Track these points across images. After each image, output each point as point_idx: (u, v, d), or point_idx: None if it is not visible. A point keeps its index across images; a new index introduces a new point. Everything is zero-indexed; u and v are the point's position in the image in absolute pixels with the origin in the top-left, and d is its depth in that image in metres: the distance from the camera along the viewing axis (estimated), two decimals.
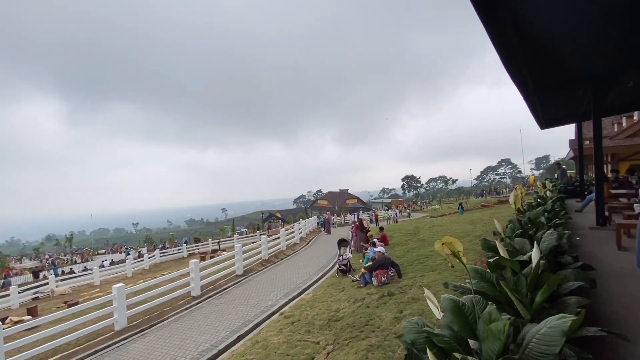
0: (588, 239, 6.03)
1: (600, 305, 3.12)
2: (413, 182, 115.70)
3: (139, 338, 7.22)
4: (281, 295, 8.85)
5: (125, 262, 23.39)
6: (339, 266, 9.89)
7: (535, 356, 1.35)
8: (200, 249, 27.55)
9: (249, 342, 6.09)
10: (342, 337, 5.26)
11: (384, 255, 8.29)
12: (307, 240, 19.71)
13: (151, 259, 24.21)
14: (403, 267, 8.70)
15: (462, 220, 15.88)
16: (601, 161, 7.62)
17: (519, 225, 4.20)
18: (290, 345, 5.39)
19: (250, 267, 12.55)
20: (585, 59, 6.04)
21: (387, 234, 12.78)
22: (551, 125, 12.61)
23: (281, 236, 16.14)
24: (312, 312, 6.79)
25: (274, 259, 14.03)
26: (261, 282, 10.55)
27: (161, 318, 8.20)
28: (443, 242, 1.61)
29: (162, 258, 25.51)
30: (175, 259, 25.77)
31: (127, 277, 19.51)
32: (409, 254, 10.40)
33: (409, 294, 6.62)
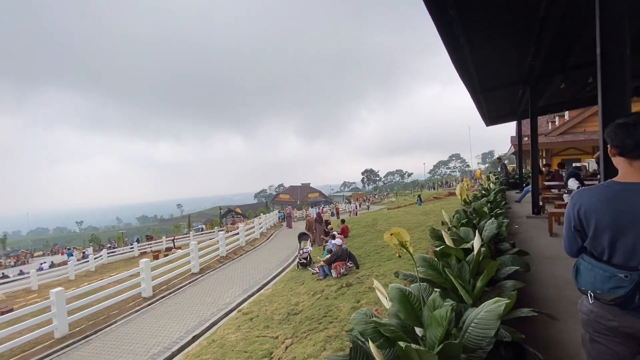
0: (525, 227, 6.63)
1: (533, 287, 3.44)
2: (372, 175, 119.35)
3: (82, 345, 6.66)
4: (239, 292, 8.66)
5: (67, 264, 21.39)
6: (300, 260, 9.90)
7: (473, 339, 1.42)
8: (153, 247, 26.05)
9: (204, 341, 5.88)
10: (300, 330, 5.27)
11: (341, 247, 8.44)
12: (268, 235, 19.50)
13: (97, 260, 22.39)
14: (361, 258, 8.94)
15: (416, 211, 16.69)
16: (537, 156, 8.39)
17: (465, 215, 4.47)
18: (248, 341, 5.30)
19: (207, 264, 12.11)
20: (523, 61, 6.57)
21: (348, 227, 13.03)
22: (495, 122, 13.63)
23: (240, 232, 15.77)
24: (271, 307, 6.73)
25: (232, 256, 13.68)
26: (218, 280, 10.24)
27: (108, 322, 7.63)
28: (392, 233, 1.64)
29: (110, 258, 23.71)
30: (125, 259, 24.10)
31: (69, 280, 17.87)
32: (367, 245, 10.71)
33: (366, 284, 6.81)
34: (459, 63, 5.54)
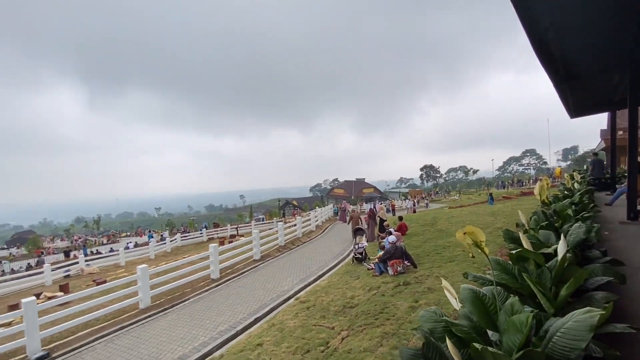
0: (618, 234, 5.76)
1: (630, 302, 2.99)
2: (432, 172, 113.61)
3: (161, 316, 7.56)
4: (297, 280, 9.00)
5: (148, 244, 24.39)
6: (355, 254, 9.93)
7: (559, 350, 1.30)
8: (219, 234, 28.31)
9: (265, 324, 6.26)
10: (356, 323, 5.31)
11: (395, 245, 8.24)
12: (323, 228, 19.85)
13: (173, 243, 25.11)
14: (420, 258, 8.65)
15: (483, 211, 15.51)
16: (635, 152, 7.18)
17: (544, 217, 4.04)
18: (305, 329, 5.51)
19: (267, 252, 12.80)
20: (623, 42, 5.63)
21: (405, 224, 12.67)
22: (582, 114, 11.95)
23: (297, 223, 16.32)
24: (327, 298, 6.88)
25: (290, 246, 14.24)
26: (278, 268, 10.76)
27: (182, 298, 8.55)
28: (465, 232, 1.57)
29: (183, 242, 26.41)
30: (195, 243, 26.62)
31: (150, 259, 20.37)
32: (425, 245, 10.30)
33: (425, 284, 6.59)
34: (540, 47, 4.96)
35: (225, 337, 6.00)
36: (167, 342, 6.10)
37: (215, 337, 6.06)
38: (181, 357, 5.46)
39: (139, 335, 6.62)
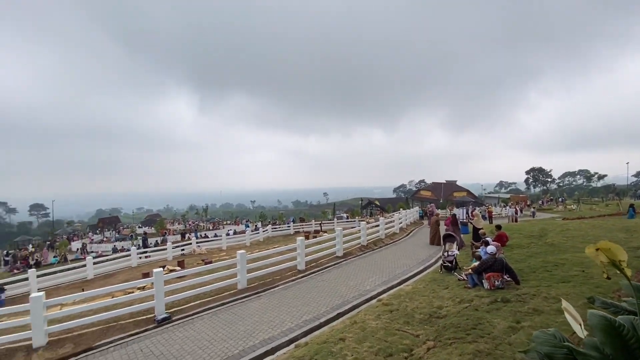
0: None
1: None
2: (541, 176, 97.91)
3: (255, 299, 8.37)
4: (379, 282, 8.88)
5: (244, 233, 27.25)
6: (444, 262, 9.28)
7: None
8: (304, 228, 29.85)
9: (347, 321, 6.35)
10: (444, 335, 4.97)
11: (494, 256, 7.37)
12: (407, 231, 19.07)
13: (265, 233, 27.54)
14: (524, 274, 7.59)
15: (611, 226, 12.70)
16: None
17: None
18: (388, 332, 5.40)
19: (350, 250, 12.95)
20: None
21: (505, 234, 11.27)
22: None
23: (380, 224, 16.05)
24: (411, 304, 6.61)
25: (372, 246, 14.11)
26: (360, 267, 10.79)
27: (273, 285, 9.31)
28: (598, 247, 1.31)
29: (273, 233, 28.71)
30: (283, 235, 28.64)
31: (246, 246, 22.75)
32: (532, 259, 8.98)
33: (529, 304, 5.76)
34: None
35: (309, 327, 6.32)
36: (259, 322, 6.74)
37: (300, 325, 6.43)
38: (271, 337, 5.97)
39: (236, 312, 7.47)
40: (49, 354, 6.24)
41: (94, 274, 16.43)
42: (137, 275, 14.39)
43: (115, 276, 16.32)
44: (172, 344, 6.08)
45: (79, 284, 15.42)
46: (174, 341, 6.21)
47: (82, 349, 6.30)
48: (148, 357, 5.70)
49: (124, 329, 6.97)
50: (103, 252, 29.40)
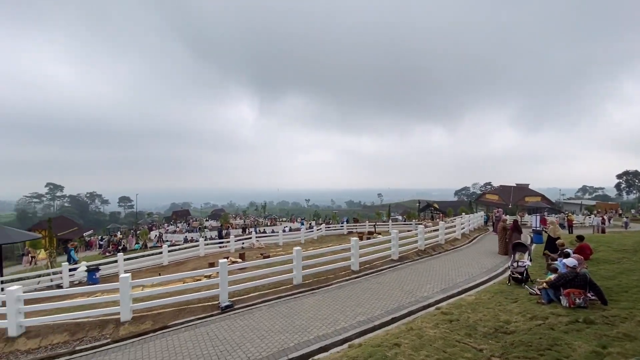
0: None
1: None
2: (637, 180, 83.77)
3: (309, 295, 8.57)
4: (438, 289, 8.44)
5: (299, 230, 28.03)
6: (512, 273, 8.48)
7: None
8: (358, 229, 29.66)
9: (403, 326, 6.16)
10: (512, 353, 4.55)
11: (575, 270, 6.50)
12: (470, 238, 17.80)
13: (319, 232, 28.01)
14: (612, 293, 6.61)
15: None
16: None
17: None
18: (447, 342, 5.12)
19: (406, 254, 12.53)
20: None
21: (589, 245, 9.91)
22: None
23: (440, 228, 15.23)
24: (474, 316, 6.17)
25: (430, 251, 13.47)
26: (416, 272, 10.38)
27: (327, 283, 9.44)
28: None
29: (327, 232, 29.07)
30: (337, 235, 28.82)
31: (300, 243, 23.40)
32: (622, 277, 7.77)
33: (619, 328, 5.00)
34: None
35: (363, 328, 6.27)
36: (313, 318, 6.89)
37: (354, 325, 6.42)
38: (325, 335, 6.06)
39: (292, 307, 7.74)
40: (133, 327, 7.15)
41: (168, 261, 18.37)
42: (204, 264, 15.70)
43: (185, 264, 18.03)
44: (234, 331, 6.53)
45: (156, 268, 17.37)
46: (235, 328, 6.66)
47: (159, 327, 7.10)
48: (213, 340, 6.20)
49: (193, 312, 7.68)
50: (176, 241, 32.70)
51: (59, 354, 6.39)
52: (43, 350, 6.65)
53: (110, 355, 6.07)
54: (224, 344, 6.02)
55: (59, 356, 6.32)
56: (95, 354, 6.21)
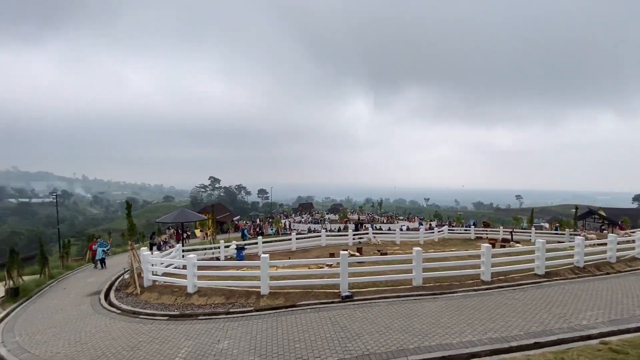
0: None
1: None
2: None
3: (430, 299, 8.11)
4: (604, 319, 6.64)
5: (418, 230, 26.78)
6: None
7: None
8: (488, 234, 26.17)
9: (550, 354, 5.14)
10: None
11: None
12: None
13: (440, 233, 26.09)
14: None
15: None
16: None
17: None
18: None
19: (555, 270, 10.32)
20: None
21: None
22: None
23: (609, 243, 11.88)
24: None
25: (593, 270, 10.69)
26: (571, 293, 8.43)
27: (450, 290, 8.73)
28: None
29: (450, 234, 26.78)
30: (462, 239, 26.20)
31: (419, 244, 22.33)
32: None
33: None
34: None
35: (496, 347, 5.54)
36: (434, 324, 6.49)
37: (484, 341, 5.73)
38: (448, 344, 5.63)
39: (411, 308, 7.49)
40: (270, 301, 8.34)
41: (296, 247, 20.55)
42: (325, 254, 16.87)
43: (310, 251, 19.79)
44: (353, 321, 6.80)
45: (286, 253, 19.71)
46: (355, 318, 6.92)
47: (289, 304, 8.06)
48: (335, 325, 6.62)
49: (317, 297, 8.38)
50: (301, 230, 36.25)
51: (218, 312, 8.05)
52: (208, 307, 8.50)
53: (253, 320, 7.26)
54: (344, 330, 6.35)
55: (219, 314, 7.96)
56: (243, 317, 7.54)
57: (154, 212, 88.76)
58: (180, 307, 8.62)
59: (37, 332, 7.74)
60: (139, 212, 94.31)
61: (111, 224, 78.16)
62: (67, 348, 6.67)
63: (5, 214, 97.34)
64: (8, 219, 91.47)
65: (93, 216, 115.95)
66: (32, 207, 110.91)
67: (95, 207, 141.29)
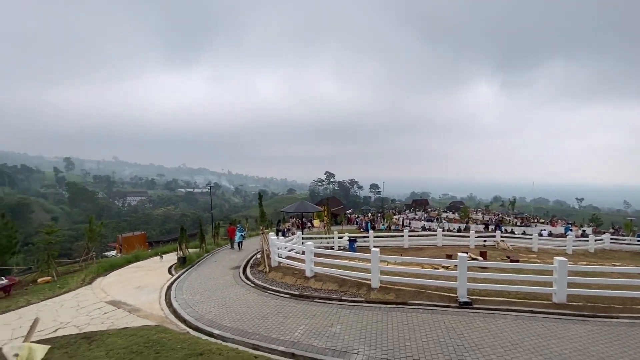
0: None
1: None
2: None
3: (578, 322, 6.64)
4: None
5: (565, 237, 22.02)
6: None
7: None
8: None
9: None
10: None
11: None
12: None
13: (598, 243, 20.76)
14: None
15: None
16: None
17: None
18: None
19: None
20: None
21: None
22: None
23: None
24: None
25: None
26: None
27: (608, 313, 6.95)
28: None
29: (612, 245, 21.03)
30: (632, 252, 20.21)
31: (565, 254, 18.33)
32: None
33: None
34: None
35: None
36: (580, 352, 5.32)
37: None
38: None
39: (549, 328, 6.31)
40: (380, 295, 8.41)
41: (408, 245, 19.92)
42: (441, 255, 15.77)
43: (423, 250, 18.86)
44: (472, 330, 6.21)
45: (397, 249, 19.34)
46: (474, 328, 6.31)
47: (400, 301, 7.95)
48: (450, 331, 6.19)
49: (430, 298, 7.99)
50: (414, 228, 34.81)
51: (332, 298, 8.62)
52: (323, 291, 9.19)
53: (364, 311, 7.49)
54: (460, 338, 5.88)
55: (332, 299, 8.52)
56: (355, 306, 7.86)
57: (279, 202, 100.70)
58: (299, 288, 9.62)
59: (196, 293, 9.95)
60: (268, 202, 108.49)
61: (248, 211, 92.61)
62: (216, 309, 8.36)
63: (177, 200, 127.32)
64: (179, 204, 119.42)
65: (235, 204, 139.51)
66: (194, 195, 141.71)
67: (237, 197, 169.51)
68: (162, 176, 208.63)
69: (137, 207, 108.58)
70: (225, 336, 6.57)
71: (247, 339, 6.32)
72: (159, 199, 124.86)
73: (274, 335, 6.41)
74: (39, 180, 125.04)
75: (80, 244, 36.02)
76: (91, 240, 17.43)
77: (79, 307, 8.77)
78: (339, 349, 5.74)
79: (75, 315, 8.13)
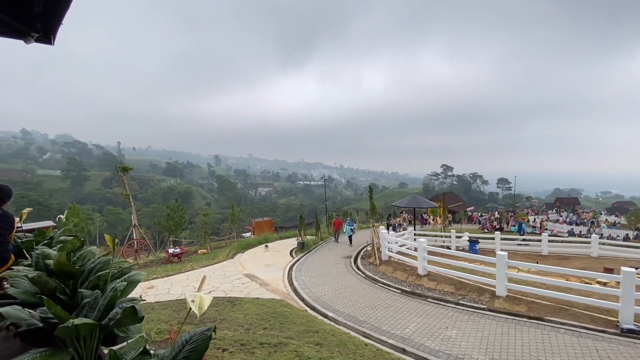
0: None
1: None
2: None
3: None
4: None
5: None
6: None
7: None
8: None
9: None
10: None
11: None
12: None
13: None
14: None
15: None
16: None
17: None
18: None
19: None
20: None
21: None
22: None
23: None
24: None
25: None
26: None
27: None
28: None
29: None
30: None
31: None
32: None
33: None
34: None
35: None
36: None
37: None
38: None
39: None
40: (507, 305, 7.38)
41: (548, 251, 16.66)
42: (596, 267, 12.62)
43: (569, 260, 15.46)
44: None
45: (533, 256, 16.41)
46: None
47: (533, 315, 6.79)
48: None
49: (576, 317, 6.55)
50: (558, 232, 28.78)
51: (447, 300, 8.06)
52: (437, 292, 8.68)
53: (486, 320, 6.74)
54: None
55: (447, 301, 7.96)
56: (474, 313, 7.15)
57: (390, 196, 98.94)
58: (411, 285, 9.34)
59: (313, 276, 10.85)
60: (379, 195, 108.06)
61: (358, 204, 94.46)
62: (329, 293, 8.95)
63: (297, 191, 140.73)
64: (298, 195, 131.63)
65: (346, 197, 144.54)
66: (311, 187, 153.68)
67: (348, 190, 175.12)
68: (285, 170, 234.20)
69: (265, 197, 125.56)
70: (338, 319, 7.00)
71: (358, 326, 6.57)
72: (282, 190, 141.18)
73: (384, 328, 6.46)
74: (198, 174, 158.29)
75: (225, 225, 44.04)
76: (233, 222, 21.14)
77: (225, 276, 10.81)
78: (454, 354, 5.36)
79: (222, 282, 10.06)
